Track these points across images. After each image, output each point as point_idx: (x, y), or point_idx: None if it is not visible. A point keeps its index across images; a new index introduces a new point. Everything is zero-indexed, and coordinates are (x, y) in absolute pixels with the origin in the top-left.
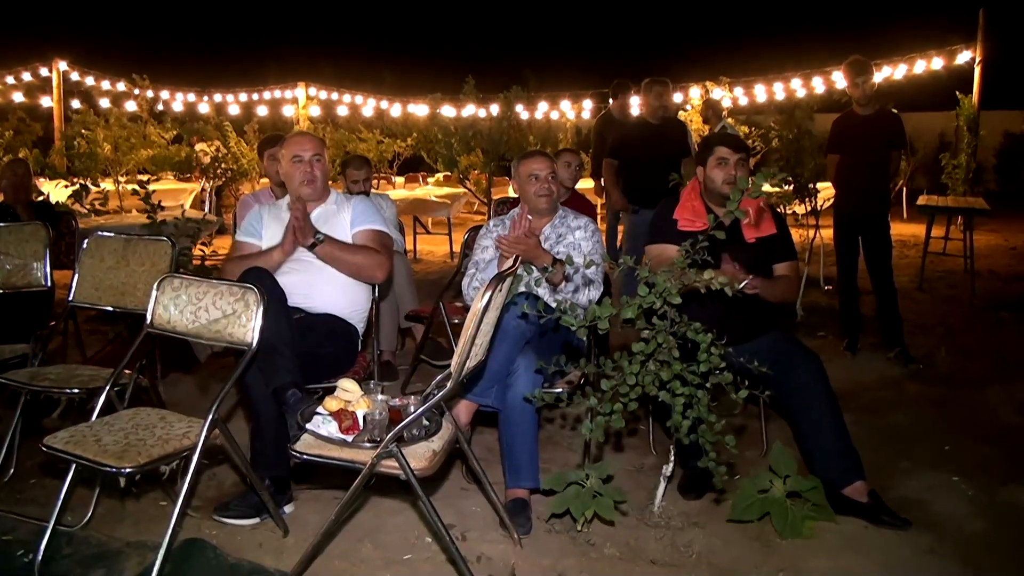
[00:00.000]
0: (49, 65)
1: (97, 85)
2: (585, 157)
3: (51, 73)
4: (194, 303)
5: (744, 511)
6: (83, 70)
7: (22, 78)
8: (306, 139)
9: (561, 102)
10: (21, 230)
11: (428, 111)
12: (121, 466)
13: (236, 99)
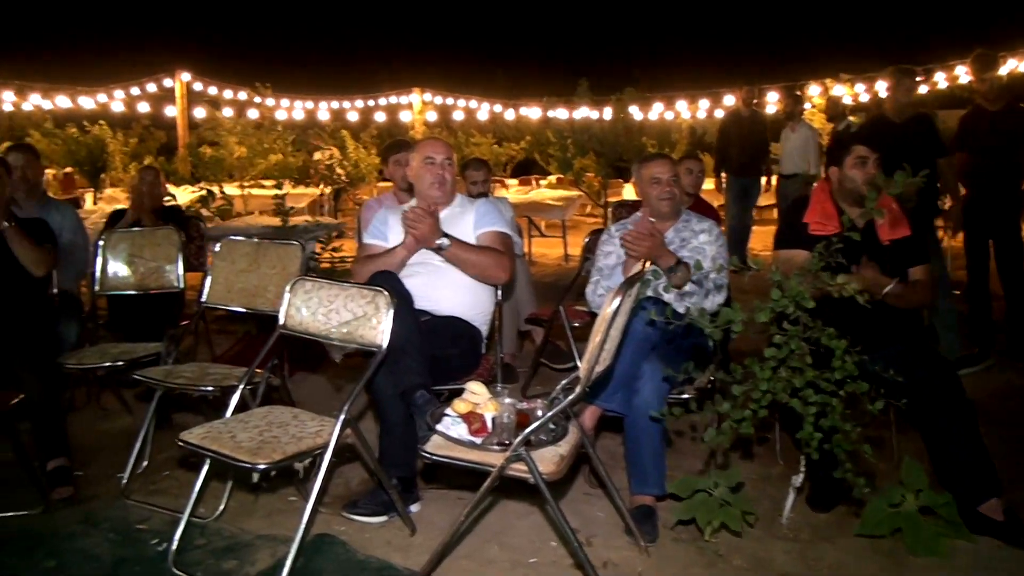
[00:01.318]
0: (173, 76)
1: (219, 94)
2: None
3: (174, 83)
4: (325, 305)
5: (875, 526)
6: (206, 80)
7: (147, 89)
8: (438, 143)
9: (677, 102)
10: (154, 234)
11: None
12: (256, 462)
13: (353, 106)
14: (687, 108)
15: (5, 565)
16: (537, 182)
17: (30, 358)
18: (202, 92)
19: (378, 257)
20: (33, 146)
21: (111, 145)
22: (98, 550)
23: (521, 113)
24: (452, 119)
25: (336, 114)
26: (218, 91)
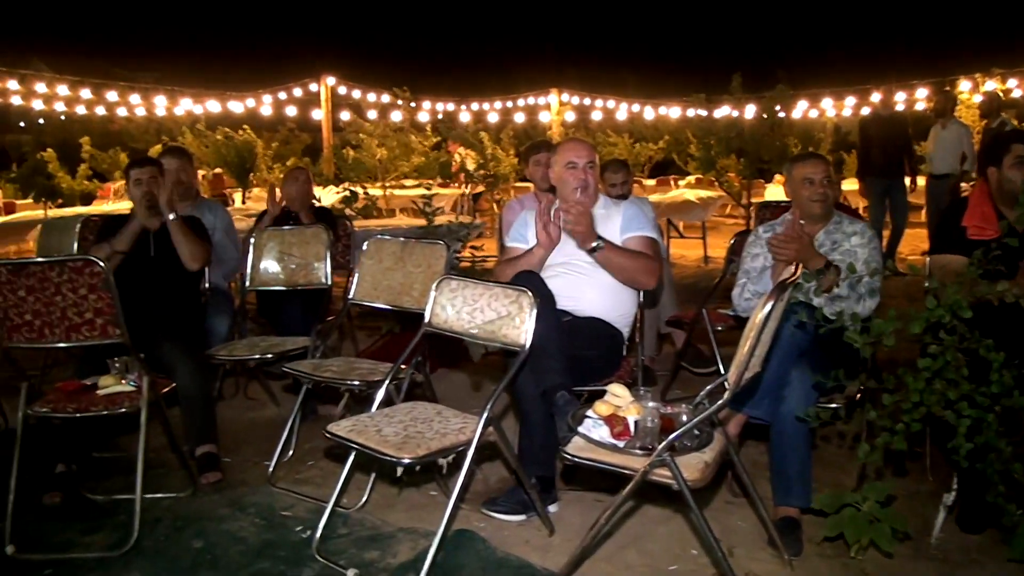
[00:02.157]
0: (318, 81)
1: (363, 97)
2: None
3: (320, 88)
4: (470, 304)
5: None
6: (350, 84)
7: (293, 94)
8: (581, 145)
9: (822, 99)
10: (303, 232)
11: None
12: (400, 457)
13: (492, 107)
14: (832, 106)
15: (156, 543)
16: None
17: (183, 349)
18: (346, 96)
19: (519, 259)
20: (187, 149)
21: (258, 147)
22: (244, 534)
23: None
24: (590, 119)
25: (476, 116)
26: (362, 95)
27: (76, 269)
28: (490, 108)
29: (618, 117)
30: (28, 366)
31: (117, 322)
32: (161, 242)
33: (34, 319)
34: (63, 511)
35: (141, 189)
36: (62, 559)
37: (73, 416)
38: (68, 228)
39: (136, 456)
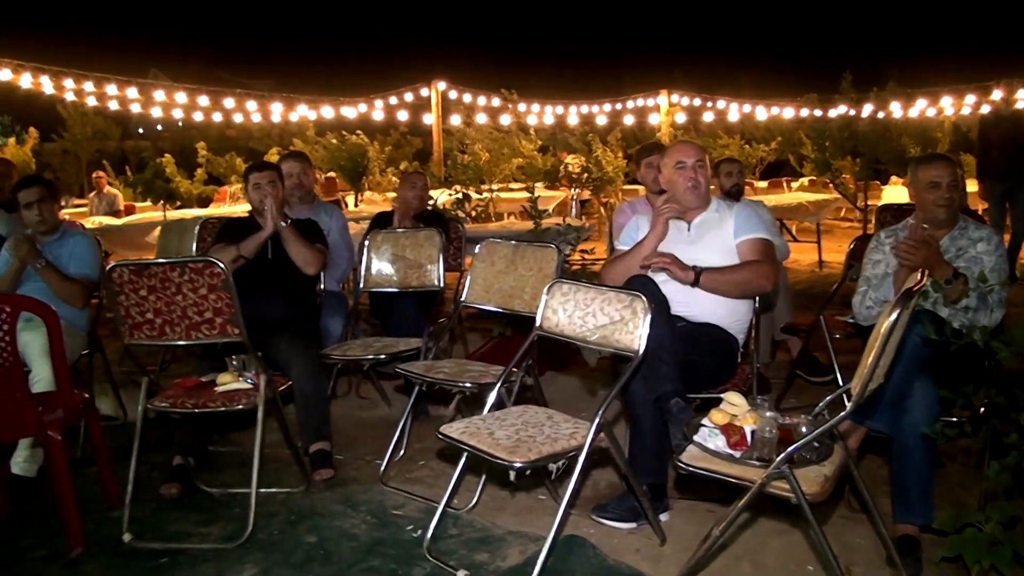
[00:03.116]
0: (429, 85)
1: (473, 101)
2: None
3: (431, 92)
4: (582, 308)
5: None
6: (460, 88)
7: (404, 99)
8: (688, 145)
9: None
10: (417, 235)
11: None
12: (513, 461)
13: (601, 109)
14: (951, 104)
15: (270, 537)
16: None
17: (299, 349)
18: (456, 99)
19: (628, 252)
20: (306, 153)
21: (370, 151)
22: (356, 531)
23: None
24: (701, 120)
25: (585, 118)
26: (472, 98)
27: (197, 270)
28: (599, 111)
29: (730, 118)
30: (147, 362)
31: (236, 321)
32: (279, 245)
33: (155, 318)
34: (180, 503)
35: (260, 193)
36: (178, 548)
37: (192, 412)
38: (187, 230)
39: (252, 451)
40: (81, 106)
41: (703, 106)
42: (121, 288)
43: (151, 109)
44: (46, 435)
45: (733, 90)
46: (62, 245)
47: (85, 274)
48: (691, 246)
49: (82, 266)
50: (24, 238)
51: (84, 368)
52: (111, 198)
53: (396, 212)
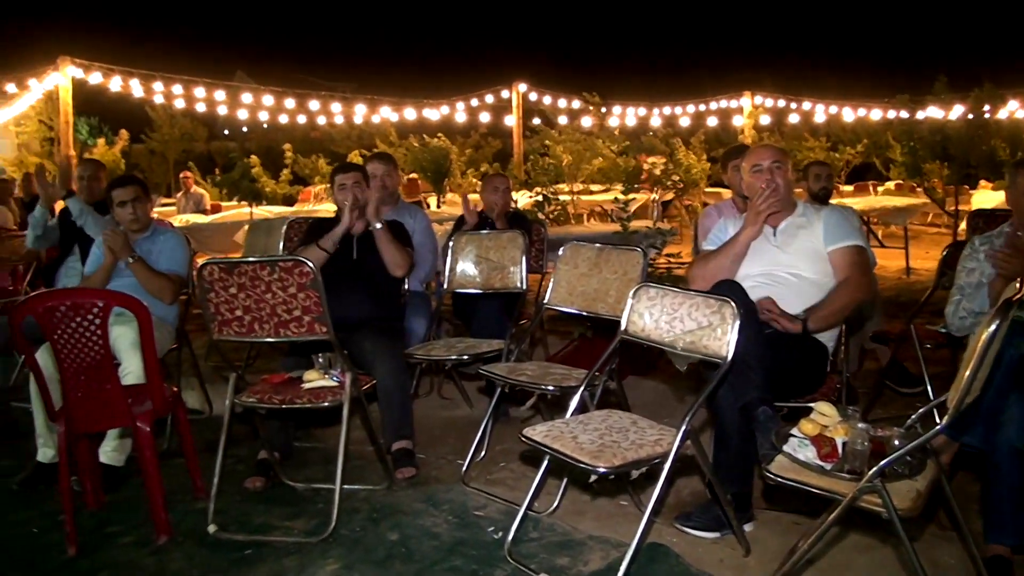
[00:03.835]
0: (510, 88)
1: (554, 103)
2: None
3: (512, 94)
4: (669, 313)
5: None
6: (541, 90)
7: (486, 101)
8: (765, 148)
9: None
10: (500, 236)
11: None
12: (596, 465)
13: (684, 111)
14: None
15: (353, 533)
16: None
17: (384, 348)
18: (537, 101)
19: (719, 250)
20: (392, 155)
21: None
22: (438, 530)
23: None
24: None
25: (668, 120)
26: (552, 100)
27: (286, 269)
28: (681, 112)
29: (815, 120)
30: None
31: (324, 320)
32: (364, 245)
33: (244, 315)
34: (264, 496)
35: (346, 194)
36: (262, 541)
37: (278, 407)
38: (274, 229)
39: (335, 448)
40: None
41: (787, 108)
42: (212, 285)
43: (237, 111)
44: (135, 426)
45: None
46: (153, 243)
47: (174, 271)
48: (777, 251)
49: (171, 263)
50: (118, 231)
51: (172, 362)
52: (198, 197)
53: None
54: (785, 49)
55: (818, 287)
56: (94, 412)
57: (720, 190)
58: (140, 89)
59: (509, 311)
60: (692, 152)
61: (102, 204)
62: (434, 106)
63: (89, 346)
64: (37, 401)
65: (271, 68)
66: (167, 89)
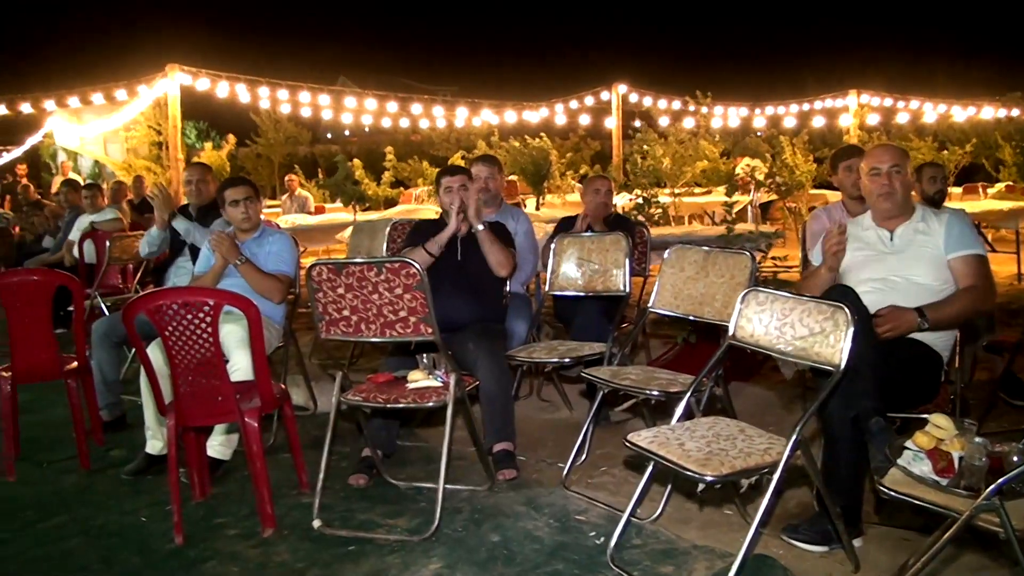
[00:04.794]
0: (610, 89)
1: (654, 104)
2: None
3: (612, 96)
4: (779, 319)
5: None
6: (641, 91)
7: (585, 102)
8: (885, 150)
9: None
10: (603, 239)
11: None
12: (704, 473)
13: (788, 110)
14: None
15: (455, 533)
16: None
17: (487, 349)
18: (637, 103)
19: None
20: (496, 157)
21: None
22: (539, 533)
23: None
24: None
25: (772, 120)
26: (653, 101)
27: (393, 270)
28: (785, 112)
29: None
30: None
31: (430, 321)
32: (468, 247)
33: (351, 315)
34: (367, 493)
35: (452, 196)
36: (365, 537)
37: (383, 407)
38: (378, 230)
39: (437, 447)
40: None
41: (894, 107)
42: (320, 285)
43: (341, 115)
44: (243, 421)
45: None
46: (261, 243)
47: (282, 271)
48: (894, 256)
49: (280, 263)
50: (224, 235)
51: (279, 360)
52: (302, 200)
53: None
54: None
55: (934, 294)
56: (203, 407)
57: (825, 192)
58: (246, 94)
59: (611, 314)
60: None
61: (211, 207)
62: (534, 108)
63: (199, 343)
64: (147, 395)
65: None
66: (272, 94)
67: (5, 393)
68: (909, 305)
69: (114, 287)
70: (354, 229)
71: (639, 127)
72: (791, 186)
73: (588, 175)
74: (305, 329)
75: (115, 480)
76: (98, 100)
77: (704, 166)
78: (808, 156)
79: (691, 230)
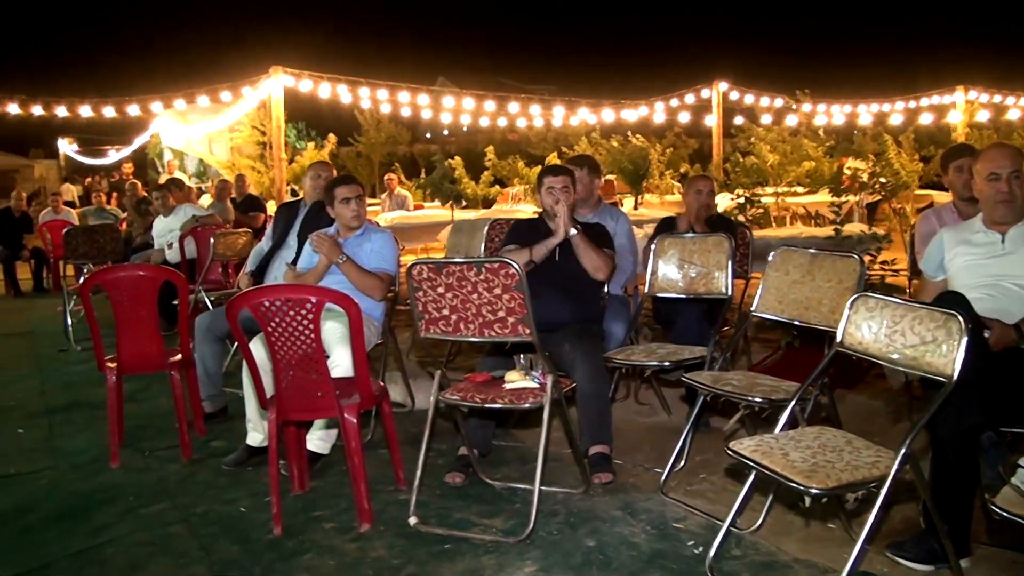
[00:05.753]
0: (710, 86)
1: (756, 102)
2: None
3: (712, 93)
4: (889, 326)
5: None
6: (742, 89)
7: (685, 100)
8: (1003, 153)
9: None
10: (705, 240)
11: None
12: (809, 485)
13: (893, 108)
14: None
15: (550, 536)
16: None
17: (584, 351)
18: (738, 100)
19: None
20: (592, 158)
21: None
22: (636, 539)
23: None
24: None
25: (878, 117)
26: (755, 99)
27: (493, 270)
28: (890, 109)
29: None
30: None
31: (528, 321)
32: (566, 248)
33: (451, 314)
34: (463, 492)
35: (554, 196)
36: (461, 536)
37: (480, 406)
38: (477, 230)
39: (532, 447)
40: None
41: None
42: (420, 284)
43: (440, 115)
44: (342, 417)
45: None
46: (363, 241)
47: (384, 268)
48: (1005, 259)
49: (382, 261)
50: (325, 235)
51: (378, 356)
52: (401, 199)
53: (682, 216)
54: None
55: None
56: (304, 401)
57: (932, 192)
58: (348, 94)
59: (711, 317)
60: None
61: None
62: (632, 107)
63: (301, 339)
64: (249, 388)
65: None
66: (373, 94)
67: (111, 384)
68: (1019, 311)
69: (217, 282)
70: (453, 228)
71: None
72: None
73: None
74: (403, 326)
75: (216, 470)
76: (203, 102)
77: (810, 166)
78: (914, 155)
79: (794, 231)
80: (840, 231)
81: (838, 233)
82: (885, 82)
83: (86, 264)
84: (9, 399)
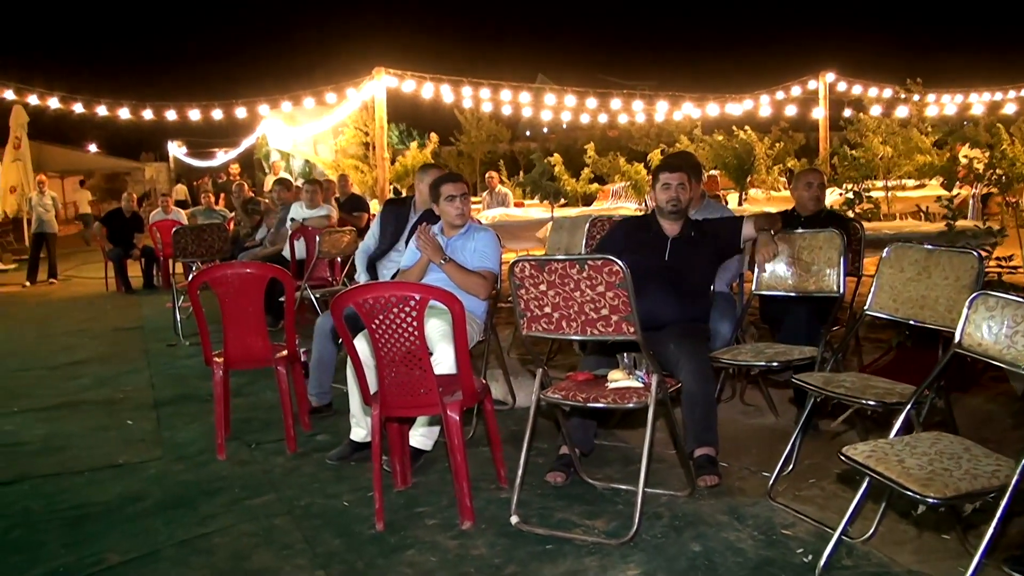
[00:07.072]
0: (817, 78)
1: (864, 93)
2: None
3: (818, 84)
4: (1011, 327)
5: None
6: (850, 80)
7: (791, 93)
8: None
9: None
10: (816, 236)
11: None
12: (926, 494)
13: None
14: None
15: (654, 539)
16: None
17: (689, 350)
18: (846, 92)
19: None
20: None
21: (757, 149)
22: (743, 545)
23: None
24: None
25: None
26: (863, 90)
27: (596, 268)
28: (1003, 98)
29: None
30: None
31: (632, 320)
32: (677, 248)
33: (553, 312)
34: (564, 491)
35: (669, 193)
36: (562, 537)
37: (582, 405)
38: (577, 227)
39: (636, 448)
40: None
41: None
42: (522, 282)
43: (540, 112)
44: (445, 414)
45: None
46: (467, 240)
47: (487, 267)
48: None
49: (485, 260)
50: (429, 235)
51: (479, 354)
52: (502, 196)
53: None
54: None
55: None
56: (407, 398)
57: None
58: (450, 94)
59: (821, 316)
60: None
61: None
62: (737, 100)
63: (405, 336)
64: (353, 384)
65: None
66: (475, 93)
67: (218, 378)
68: None
69: (323, 279)
70: (553, 225)
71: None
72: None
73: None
74: (504, 323)
75: (320, 464)
76: (308, 104)
77: (924, 160)
78: None
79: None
80: (953, 226)
81: (951, 228)
82: (998, 71)
83: (194, 262)
84: (119, 392)
